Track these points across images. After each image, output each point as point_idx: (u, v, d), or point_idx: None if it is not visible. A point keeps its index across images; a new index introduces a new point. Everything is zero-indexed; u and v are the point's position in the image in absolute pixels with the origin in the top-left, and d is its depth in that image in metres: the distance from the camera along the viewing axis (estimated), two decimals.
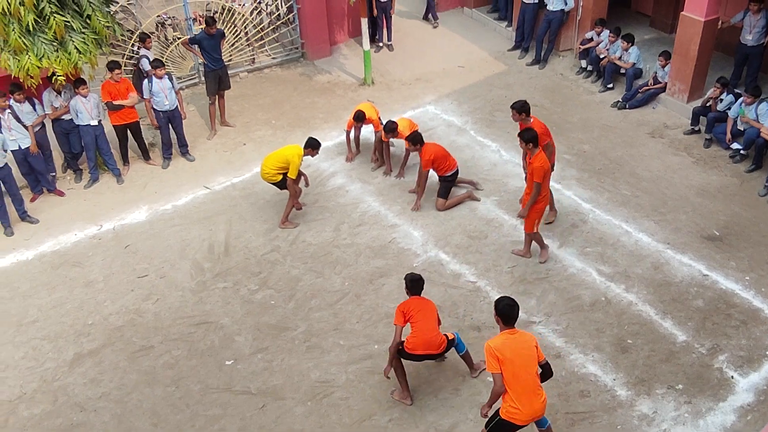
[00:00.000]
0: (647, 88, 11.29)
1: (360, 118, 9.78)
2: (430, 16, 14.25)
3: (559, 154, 10.23)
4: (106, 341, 7.50)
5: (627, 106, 11.33)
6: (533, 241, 8.19)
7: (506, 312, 5.39)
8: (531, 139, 7.48)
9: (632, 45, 11.50)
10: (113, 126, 9.87)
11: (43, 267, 8.54)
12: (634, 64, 11.50)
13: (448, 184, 9.06)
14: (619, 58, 11.62)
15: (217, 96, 10.86)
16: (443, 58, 13.14)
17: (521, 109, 8.07)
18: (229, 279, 8.25)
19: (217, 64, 10.58)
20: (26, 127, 9.12)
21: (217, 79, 10.68)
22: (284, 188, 8.89)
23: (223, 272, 8.35)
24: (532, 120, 8.12)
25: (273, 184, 8.92)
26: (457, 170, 9.12)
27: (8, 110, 8.94)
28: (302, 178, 9.05)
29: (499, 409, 5.52)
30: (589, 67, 12.22)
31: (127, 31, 11.51)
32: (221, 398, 6.85)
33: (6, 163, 8.79)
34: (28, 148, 9.16)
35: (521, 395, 5.34)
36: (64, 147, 9.87)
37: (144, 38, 10.41)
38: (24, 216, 9.21)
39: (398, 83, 12.38)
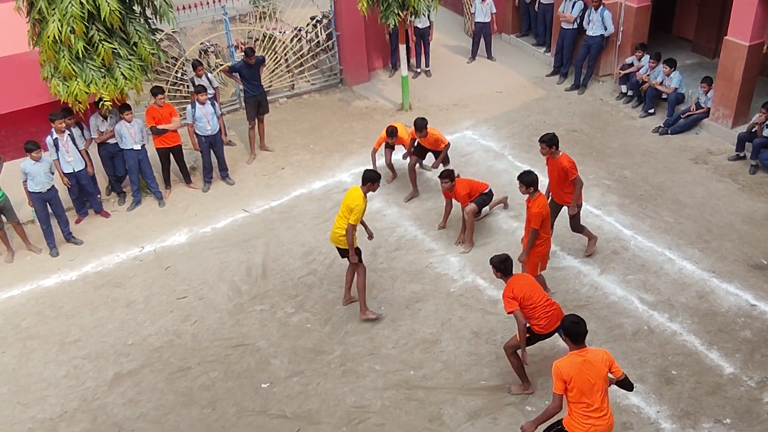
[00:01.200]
0: (690, 113, 11.11)
1: (392, 133, 9.81)
2: (485, 53, 13.95)
3: (599, 180, 10.11)
4: (145, 362, 7.58)
5: (669, 132, 11.15)
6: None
7: (572, 330, 5.28)
8: (531, 182, 7.22)
9: (674, 70, 11.35)
10: (156, 149, 10.10)
11: (86, 287, 8.71)
12: (676, 89, 11.34)
13: (483, 200, 9.00)
14: (661, 83, 11.47)
15: (256, 120, 11.04)
16: (481, 83, 13.15)
17: (550, 142, 7.85)
18: (266, 302, 8.29)
19: (256, 90, 10.77)
20: (80, 151, 9.39)
21: (257, 105, 10.87)
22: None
23: (261, 295, 8.39)
24: (561, 154, 7.95)
25: (339, 250, 7.82)
26: (491, 191, 9.06)
27: (67, 133, 9.22)
28: (365, 229, 8.05)
29: (562, 419, 5.44)
30: (630, 92, 12.09)
31: (172, 58, 11.82)
32: (257, 421, 6.84)
33: (53, 186, 9.05)
34: (80, 171, 9.41)
35: (585, 415, 5.26)
36: (109, 170, 10.12)
37: (196, 66, 10.68)
38: (69, 237, 9.44)
39: (436, 108, 12.42)
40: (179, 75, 11.91)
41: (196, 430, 6.78)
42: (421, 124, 9.48)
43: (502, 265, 6.50)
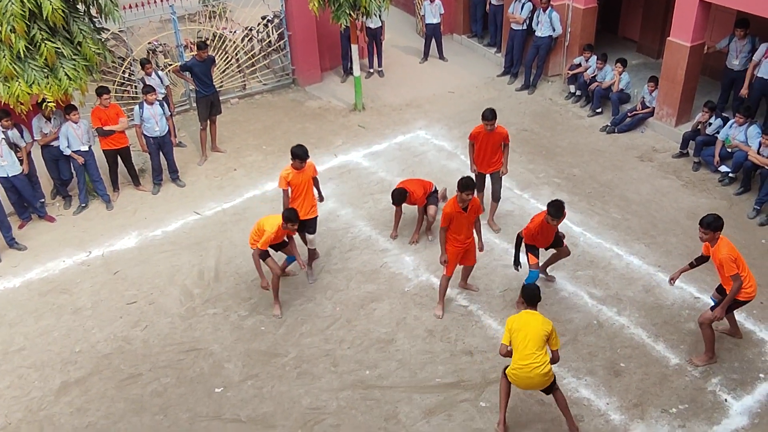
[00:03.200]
0: (636, 112, 11.40)
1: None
2: (436, 53, 14.04)
3: (549, 178, 10.29)
4: (93, 369, 7.39)
5: (616, 131, 11.42)
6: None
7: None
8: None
9: (624, 70, 11.61)
10: (103, 151, 9.86)
11: (31, 294, 8.44)
12: (623, 90, 11.63)
13: (435, 198, 9.06)
14: (607, 83, 11.73)
15: (208, 121, 10.87)
16: (433, 83, 13.24)
17: (492, 116, 8.46)
18: (219, 305, 8.17)
19: (208, 90, 10.61)
20: (17, 153, 9.08)
21: (209, 105, 10.70)
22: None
23: (213, 298, 8.27)
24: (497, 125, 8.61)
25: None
26: (435, 188, 9.15)
27: (1, 136, 8.90)
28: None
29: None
30: (578, 92, 12.34)
31: (119, 57, 11.56)
32: (211, 426, 6.74)
33: None
34: (16, 175, 9.10)
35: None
36: (53, 173, 9.83)
37: (144, 64, 10.45)
38: (11, 243, 9.13)
39: (389, 108, 12.45)
40: (127, 75, 11.65)
41: None
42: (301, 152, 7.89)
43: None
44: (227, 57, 12.44)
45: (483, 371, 7.15)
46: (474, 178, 7.93)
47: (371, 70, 13.61)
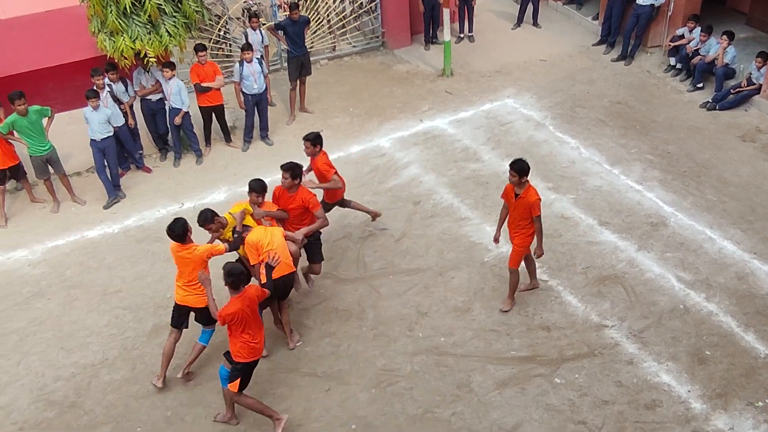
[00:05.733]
0: (740, 89, 10.75)
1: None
2: (531, 20, 13.64)
3: (642, 155, 9.92)
4: None
5: (717, 107, 10.83)
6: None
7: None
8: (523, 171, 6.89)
9: (731, 43, 10.94)
10: (199, 107, 10.18)
11: (128, 240, 8.93)
12: (728, 64, 10.97)
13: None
14: (710, 56, 11.09)
15: (298, 82, 11.03)
16: (525, 51, 12.90)
17: (315, 141, 7.68)
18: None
19: (300, 51, 10.74)
20: (121, 107, 9.53)
21: (299, 66, 10.85)
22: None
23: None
24: (321, 152, 7.73)
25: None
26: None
27: (107, 89, 9.36)
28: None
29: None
30: (679, 65, 11.74)
31: (215, 15, 11.84)
32: (288, 378, 7.01)
33: (110, 136, 9.20)
34: (120, 126, 9.57)
35: None
36: (151, 126, 10.25)
37: (252, 17, 10.70)
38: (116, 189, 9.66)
39: (477, 75, 12.25)
40: (222, 33, 11.93)
41: None
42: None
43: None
44: (319, 18, 12.52)
45: (560, 348, 7.09)
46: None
47: (461, 35, 13.38)
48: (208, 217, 6.78)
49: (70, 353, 7.42)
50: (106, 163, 9.32)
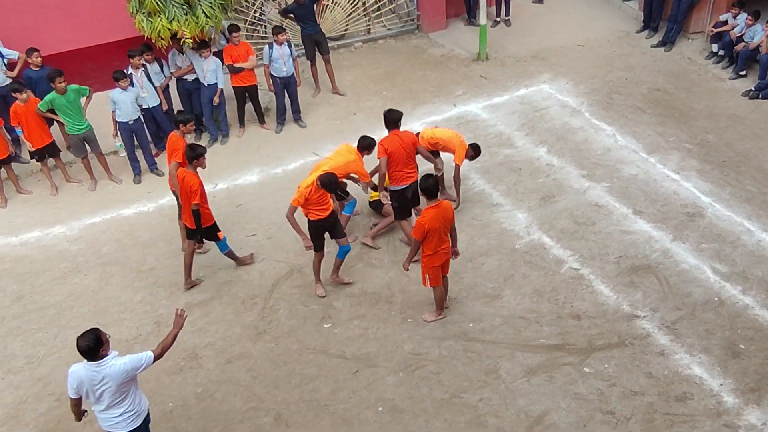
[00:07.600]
0: None
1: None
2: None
3: (680, 143, 9.71)
4: (214, 294, 7.91)
5: (760, 96, 10.53)
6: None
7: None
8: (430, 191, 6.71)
9: None
10: (233, 87, 10.25)
11: (162, 219, 9.07)
12: None
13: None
14: (755, 43, 10.77)
15: (316, 58, 11.11)
16: (562, 35, 12.69)
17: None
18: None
19: (312, 29, 10.90)
20: (156, 88, 9.65)
21: (313, 43, 10.98)
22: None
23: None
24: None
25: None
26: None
27: (142, 69, 9.47)
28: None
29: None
30: (721, 52, 11.43)
31: None
32: (317, 359, 7.08)
33: (140, 117, 9.37)
34: (155, 106, 9.69)
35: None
36: (186, 107, 10.35)
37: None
38: (153, 167, 9.84)
39: (513, 60, 12.10)
40: (257, 15, 11.96)
41: (260, 362, 7.07)
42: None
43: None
44: (354, 0, 12.46)
45: (589, 337, 7.02)
46: None
47: (498, 19, 13.21)
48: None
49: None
50: (137, 144, 9.49)
